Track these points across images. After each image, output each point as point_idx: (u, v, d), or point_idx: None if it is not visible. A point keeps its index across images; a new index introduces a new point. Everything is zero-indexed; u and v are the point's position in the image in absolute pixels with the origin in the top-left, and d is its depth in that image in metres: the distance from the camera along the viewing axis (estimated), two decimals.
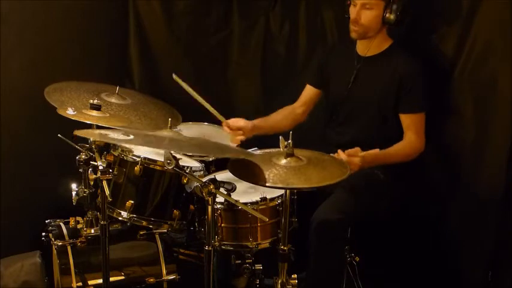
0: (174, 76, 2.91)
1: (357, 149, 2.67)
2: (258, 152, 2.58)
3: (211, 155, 3.01)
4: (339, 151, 2.65)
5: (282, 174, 2.31)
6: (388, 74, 2.89)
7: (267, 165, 2.35)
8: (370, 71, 2.95)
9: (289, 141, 2.37)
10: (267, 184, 2.28)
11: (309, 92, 3.20)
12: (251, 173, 2.35)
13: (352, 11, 2.88)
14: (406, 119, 2.88)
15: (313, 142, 2.99)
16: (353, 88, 2.96)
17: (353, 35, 2.92)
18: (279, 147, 2.42)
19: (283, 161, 2.37)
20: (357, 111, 2.98)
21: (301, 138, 2.51)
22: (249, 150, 2.63)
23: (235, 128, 2.99)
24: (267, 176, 2.29)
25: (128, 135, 2.24)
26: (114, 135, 2.23)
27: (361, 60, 2.97)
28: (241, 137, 3.01)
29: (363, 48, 2.97)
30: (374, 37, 2.91)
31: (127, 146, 2.75)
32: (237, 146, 2.98)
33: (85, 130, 2.42)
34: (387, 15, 2.83)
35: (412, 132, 2.87)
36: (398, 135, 2.89)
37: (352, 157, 2.62)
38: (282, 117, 3.19)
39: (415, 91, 2.85)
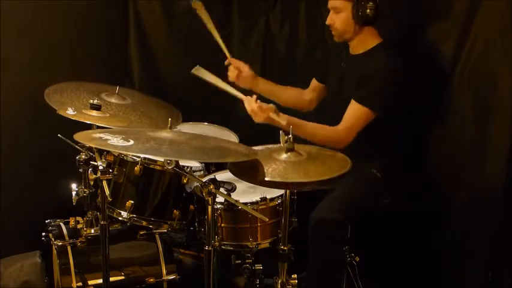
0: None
1: (271, 106, 2.68)
2: (260, 148, 2.57)
3: (212, 160, 3.01)
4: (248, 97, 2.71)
5: (281, 169, 2.31)
6: (365, 72, 2.84)
7: (267, 160, 2.35)
8: (352, 70, 2.93)
9: (290, 136, 2.36)
10: (265, 179, 2.27)
11: (314, 83, 3.22)
12: (251, 173, 2.35)
13: (328, 17, 2.90)
14: (348, 106, 2.81)
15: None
16: (340, 88, 2.96)
17: (334, 38, 2.94)
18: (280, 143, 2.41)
19: (283, 156, 2.36)
20: (340, 110, 2.96)
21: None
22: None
23: (237, 66, 3.10)
24: (265, 171, 2.29)
25: (128, 140, 2.24)
26: (113, 141, 2.23)
27: (348, 60, 2.97)
28: (237, 76, 3.11)
29: (351, 48, 2.97)
30: (355, 37, 2.89)
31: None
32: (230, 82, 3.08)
33: (84, 132, 2.41)
34: (355, 14, 2.81)
35: (344, 122, 2.79)
36: (381, 137, 2.87)
37: (255, 107, 2.66)
38: (288, 90, 3.22)
39: (373, 84, 2.78)
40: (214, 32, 3.07)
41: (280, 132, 2.39)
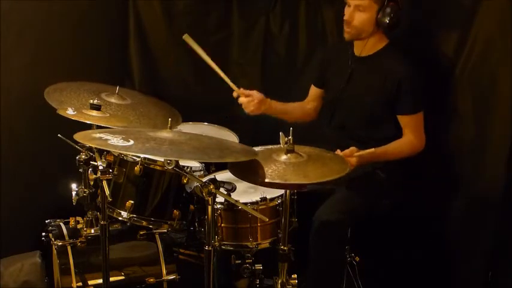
0: (185, 36, 2.91)
1: (352, 148, 2.69)
2: (260, 148, 2.56)
3: (212, 160, 3.01)
4: (337, 151, 2.68)
5: (281, 170, 2.31)
6: (380, 75, 2.86)
7: (267, 161, 2.35)
8: (363, 72, 2.93)
9: (290, 137, 2.36)
10: (264, 180, 2.27)
11: (313, 91, 3.22)
12: (251, 173, 2.35)
13: (346, 12, 2.86)
14: (403, 120, 2.87)
15: (314, 142, 3.00)
16: (346, 88, 2.96)
17: (345, 35, 2.90)
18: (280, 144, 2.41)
19: (283, 157, 2.36)
20: (350, 111, 2.97)
21: (302, 139, 2.51)
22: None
23: (247, 94, 2.96)
24: (265, 173, 2.29)
25: (128, 140, 2.24)
26: (113, 141, 2.23)
27: (355, 61, 2.96)
28: (253, 103, 2.94)
29: (358, 49, 2.95)
30: (368, 38, 2.88)
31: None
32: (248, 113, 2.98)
33: (84, 132, 2.41)
34: (380, 18, 2.80)
35: (410, 131, 2.87)
36: (392, 136, 2.88)
37: (347, 157, 2.64)
38: (295, 106, 3.21)
39: (409, 92, 2.83)
40: (213, 64, 2.96)
41: (280, 133, 2.39)
